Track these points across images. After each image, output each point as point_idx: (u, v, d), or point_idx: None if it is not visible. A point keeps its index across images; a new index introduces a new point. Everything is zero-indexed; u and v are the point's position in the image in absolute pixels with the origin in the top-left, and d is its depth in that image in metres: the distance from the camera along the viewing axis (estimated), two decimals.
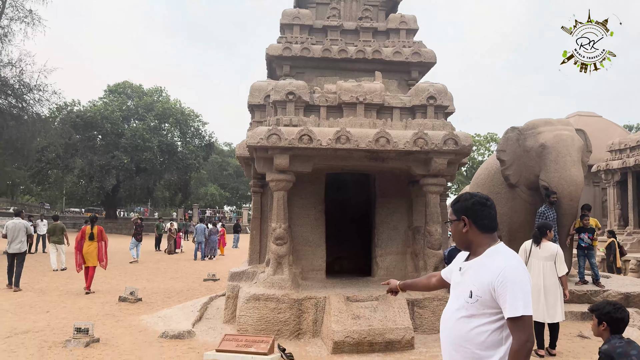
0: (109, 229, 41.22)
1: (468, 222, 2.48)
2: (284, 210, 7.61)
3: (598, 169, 19.15)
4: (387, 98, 7.98)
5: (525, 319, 2.23)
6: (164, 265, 18.83)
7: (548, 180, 9.52)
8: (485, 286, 2.31)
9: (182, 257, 23.20)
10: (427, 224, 7.79)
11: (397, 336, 6.59)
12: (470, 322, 2.35)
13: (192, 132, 44.52)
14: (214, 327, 7.86)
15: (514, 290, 2.24)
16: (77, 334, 6.82)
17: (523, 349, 2.20)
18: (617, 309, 3.80)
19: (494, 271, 2.31)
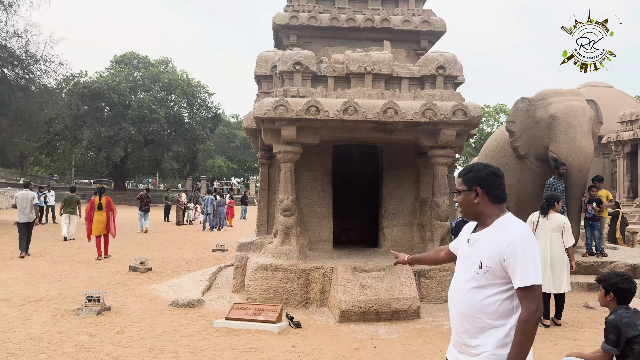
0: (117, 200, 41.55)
1: (481, 193, 2.45)
2: (292, 181, 7.61)
3: (608, 140, 18.92)
4: (396, 68, 7.86)
5: (535, 288, 2.24)
6: (173, 236, 19.05)
7: (557, 152, 9.43)
8: (495, 257, 2.31)
9: (191, 228, 23.44)
10: (434, 195, 7.78)
11: (403, 305, 6.67)
12: (480, 292, 2.35)
13: (199, 104, 44.36)
14: (223, 296, 7.98)
15: (524, 260, 2.24)
16: (89, 302, 6.95)
17: (532, 318, 2.21)
18: (625, 280, 3.80)
19: (504, 242, 2.30)
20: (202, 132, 42.85)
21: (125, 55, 43.88)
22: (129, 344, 5.54)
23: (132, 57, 43.84)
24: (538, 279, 2.24)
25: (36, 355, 5.04)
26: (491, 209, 2.46)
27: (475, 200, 2.46)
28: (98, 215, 12.03)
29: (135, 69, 42.90)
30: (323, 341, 5.82)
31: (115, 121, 38.83)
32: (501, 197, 2.45)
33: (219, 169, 60.94)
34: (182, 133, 41.69)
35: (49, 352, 5.18)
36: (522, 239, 2.29)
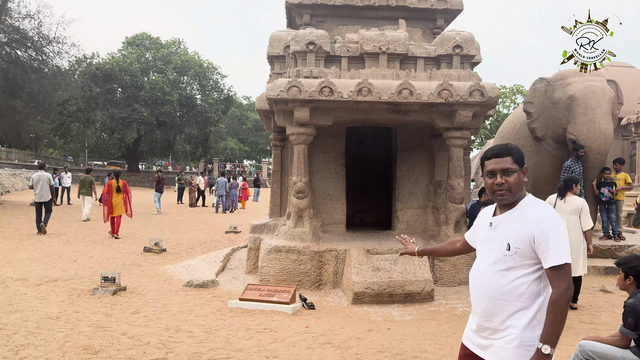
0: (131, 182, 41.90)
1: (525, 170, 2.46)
2: (305, 163, 7.60)
3: (628, 121, 18.57)
4: (411, 47, 7.75)
5: (565, 267, 2.23)
6: (187, 218, 19.23)
7: (576, 133, 9.29)
8: (524, 237, 2.29)
9: (204, 210, 23.62)
10: (449, 177, 7.72)
11: (417, 288, 6.68)
12: (508, 274, 2.33)
13: (211, 85, 44.33)
14: (236, 277, 8.07)
15: (555, 238, 2.23)
16: (105, 282, 7.07)
17: (563, 297, 2.21)
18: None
19: (533, 222, 2.29)
20: (214, 114, 42.90)
21: (136, 36, 43.85)
22: (145, 324, 5.63)
23: (143, 38, 43.79)
24: (569, 257, 2.24)
25: (54, 334, 5.15)
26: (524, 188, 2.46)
27: (525, 179, 2.45)
28: (116, 197, 12.80)
29: (146, 50, 42.91)
30: (336, 322, 5.87)
31: (128, 103, 38.99)
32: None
33: (231, 151, 61.16)
34: (194, 115, 41.78)
35: (66, 330, 5.29)
36: (550, 217, 2.28)
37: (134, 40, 43.54)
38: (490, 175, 2.43)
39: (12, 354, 4.57)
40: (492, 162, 2.43)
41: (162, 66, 40.95)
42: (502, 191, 2.37)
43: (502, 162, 2.40)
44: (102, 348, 4.78)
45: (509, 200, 2.41)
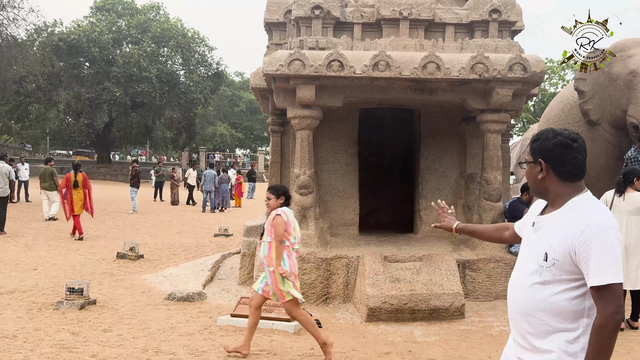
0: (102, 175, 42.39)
1: (545, 167, 2.38)
2: (309, 153, 7.62)
3: None
4: (439, 12, 7.75)
5: (614, 287, 2.16)
6: (168, 217, 19.35)
7: (639, 117, 9.26)
8: (564, 247, 2.25)
9: (189, 208, 23.74)
10: (484, 170, 7.71)
11: (444, 303, 6.69)
12: (544, 289, 2.30)
13: (197, 59, 44.34)
14: (227, 289, 8.12)
15: (601, 252, 2.17)
16: (70, 294, 7.13)
17: (609, 324, 2.15)
18: None
19: (575, 229, 2.24)
20: (201, 94, 42.99)
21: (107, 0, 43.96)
22: (118, 344, 5.69)
23: (115, 2, 43.91)
24: (618, 276, 2.17)
25: (10, 356, 5.21)
26: (560, 187, 2.38)
27: (539, 176, 2.39)
28: (75, 194, 13.28)
29: (119, 16, 43.04)
30: (347, 343, 5.89)
31: (97, 80, 39.15)
32: (573, 174, 2.35)
33: (221, 138, 61.31)
34: (177, 95, 41.88)
35: (24, 352, 5.34)
36: (598, 226, 2.21)
37: (104, 4, 43.67)
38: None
39: None
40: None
41: (138, 36, 41.06)
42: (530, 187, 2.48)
43: (526, 151, 2.46)
44: None
45: (534, 194, 2.51)
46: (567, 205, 2.33)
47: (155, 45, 41.54)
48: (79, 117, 40.31)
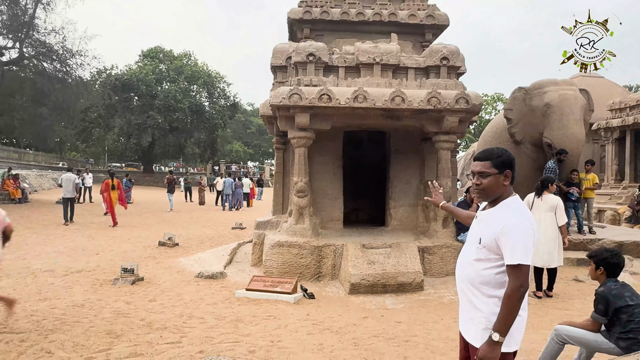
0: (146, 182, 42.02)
1: (510, 176, 2.46)
2: (305, 165, 7.57)
3: (598, 127, 18.61)
4: (403, 59, 7.73)
5: (521, 267, 2.26)
6: (197, 215, 19.18)
7: (551, 138, 9.29)
8: (492, 234, 2.36)
9: (212, 208, 23.57)
10: (438, 178, 7.69)
11: (408, 279, 6.65)
12: (479, 264, 2.41)
13: (218, 93, 44.18)
14: (242, 270, 8.03)
15: (514, 240, 2.28)
16: (124, 273, 7.03)
17: (515, 294, 2.25)
18: (614, 255, 3.78)
19: (501, 223, 2.34)
20: (221, 120, 42.81)
21: (151, 50, 43.72)
22: (161, 311, 5.60)
23: (157, 52, 43.66)
24: (526, 259, 2.26)
25: (79, 320, 5.11)
26: (509, 190, 2.48)
27: (505, 182, 2.46)
28: (114, 194, 14.55)
29: (160, 62, 42.76)
30: (335, 310, 5.84)
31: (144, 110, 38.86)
32: (515, 179, 2.49)
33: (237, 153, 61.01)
34: (203, 121, 41.66)
35: (90, 317, 5.25)
36: (516, 222, 2.32)
37: (150, 53, 43.41)
38: (472, 175, 2.56)
39: (41, 338, 4.54)
40: (475, 164, 2.53)
41: (175, 76, 40.83)
42: (478, 191, 2.49)
43: (481, 165, 2.48)
44: (123, 332, 4.75)
45: (483, 199, 2.52)
46: (501, 205, 2.44)
47: (187, 83, 41.28)
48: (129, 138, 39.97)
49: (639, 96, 17.50)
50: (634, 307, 3.53)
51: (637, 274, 8.14)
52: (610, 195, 17.41)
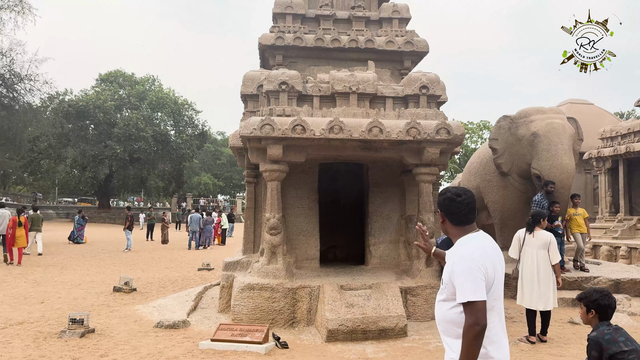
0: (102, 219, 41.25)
1: (441, 215, 2.77)
2: (278, 200, 7.61)
3: (589, 156, 19.23)
4: (380, 87, 7.96)
5: (473, 304, 2.44)
6: (158, 255, 18.84)
7: (540, 169, 9.56)
8: (448, 274, 2.59)
9: (176, 246, 23.20)
10: (419, 212, 7.82)
11: (390, 324, 6.65)
12: (444, 304, 2.63)
13: (186, 121, 44.29)
14: (208, 317, 7.90)
15: (462, 278, 2.49)
16: (72, 324, 6.82)
17: (470, 331, 2.41)
18: (604, 296, 3.85)
19: (452, 261, 2.59)
20: (189, 150, 42.73)
21: (110, 73, 43.78)
22: None
23: (117, 75, 43.74)
24: (475, 296, 2.44)
25: None
26: (453, 230, 2.74)
27: (440, 221, 2.78)
28: (19, 231, 14.77)
29: (120, 87, 42.79)
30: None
31: (100, 139, 38.59)
32: (459, 220, 2.69)
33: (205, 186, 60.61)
34: (168, 151, 41.53)
35: None
36: (462, 259, 2.54)
37: (108, 77, 43.45)
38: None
39: None
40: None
41: (137, 102, 40.84)
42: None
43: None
44: None
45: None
46: (456, 244, 2.69)
47: (151, 110, 41.32)
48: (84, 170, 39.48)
49: (630, 124, 18.23)
50: (628, 352, 3.60)
51: (635, 315, 8.33)
52: (606, 229, 17.84)
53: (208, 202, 53.47)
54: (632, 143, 17.43)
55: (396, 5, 9.30)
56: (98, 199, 46.26)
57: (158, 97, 41.52)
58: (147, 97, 41.22)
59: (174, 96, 43.66)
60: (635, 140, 17.40)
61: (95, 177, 39.58)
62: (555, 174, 9.39)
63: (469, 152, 45.42)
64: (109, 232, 29.72)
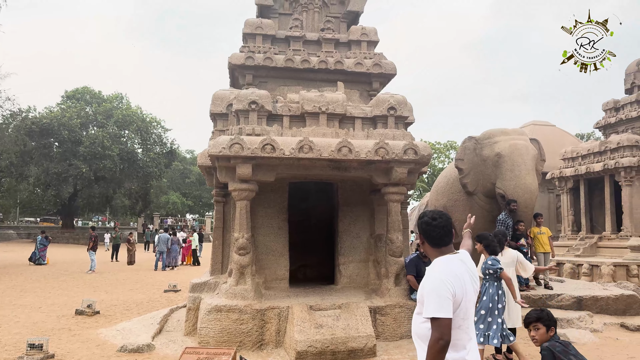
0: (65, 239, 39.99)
1: (420, 238, 2.98)
2: (247, 219, 7.56)
3: (552, 176, 19.85)
4: (349, 108, 8.06)
5: (437, 320, 2.63)
6: (124, 276, 18.35)
7: (504, 188, 9.81)
8: (420, 291, 2.82)
9: (142, 267, 22.65)
10: (388, 232, 7.89)
11: (359, 344, 6.63)
12: (417, 317, 2.85)
13: (154, 139, 43.63)
14: (174, 340, 7.71)
15: (429, 296, 2.70)
16: (31, 350, 6.56)
17: (434, 345, 2.61)
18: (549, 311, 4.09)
19: (424, 279, 2.82)
20: (156, 168, 42.04)
21: (77, 90, 42.94)
22: None
23: (84, 93, 42.93)
24: (440, 313, 2.63)
25: None
26: (431, 251, 2.96)
27: (419, 242, 3.03)
28: None
29: (87, 104, 41.97)
30: None
31: (65, 157, 37.60)
32: (435, 242, 2.90)
33: (173, 205, 59.61)
34: (135, 169, 40.76)
35: None
36: (429, 279, 2.76)
37: (74, 94, 42.59)
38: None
39: None
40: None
41: (103, 120, 40.08)
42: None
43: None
44: None
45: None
46: (431, 264, 2.89)
47: (118, 128, 40.57)
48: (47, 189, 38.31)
49: (590, 145, 18.93)
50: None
51: (597, 331, 8.53)
52: (568, 247, 18.36)
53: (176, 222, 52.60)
54: (592, 164, 18.09)
55: (365, 29, 9.50)
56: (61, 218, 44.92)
57: (125, 115, 40.83)
58: (114, 115, 40.50)
59: (141, 114, 43.05)
60: (595, 160, 18.07)
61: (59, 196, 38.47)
62: (519, 194, 9.65)
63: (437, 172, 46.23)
64: (73, 253, 28.83)
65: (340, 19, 9.90)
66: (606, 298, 9.48)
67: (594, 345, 7.72)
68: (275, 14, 9.80)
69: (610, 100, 19.60)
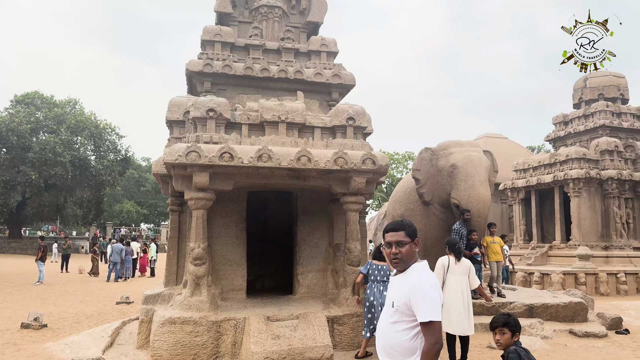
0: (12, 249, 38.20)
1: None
2: (203, 229, 7.42)
3: (504, 187, 20.52)
4: (309, 118, 8.09)
5: (434, 324, 2.62)
6: (74, 288, 17.64)
7: (458, 198, 10.07)
8: (403, 297, 2.76)
9: (94, 278, 21.88)
10: (347, 241, 7.91)
11: (316, 354, 6.60)
12: (394, 326, 2.79)
13: (107, 146, 42.32)
14: (126, 354, 7.45)
15: (424, 300, 2.68)
16: None
17: (432, 349, 2.59)
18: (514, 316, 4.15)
19: (411, 284, 2.76)
20: (110, 176, 40.79)
21: (27, 95, 41.26)
22: None
23: (34, 97, 41.29)
24: (436, 316, 2.63)
25: None
26: (417, 256, 2.96)
27: (416, 249, 2.93)
28: None
29: (37, 109, 40.35)
30: None
31: (13, 164, 35.97)
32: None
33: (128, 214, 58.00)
34: (87, 177, 39.42)
35: None
36: (424, 283, 2.73)
37: (24, 98, 40.89)
38: (388, 245, 2.92)
39: None
40: (389, 235, 2.92)
41: (54, 126, 38.59)
42: (397, 259, 2.87)
43: (397, 235, 2.88)
44: None
45: (401, 267, 2.89)
46: (410, 269, 2.86)
47: (70, 134, 39.16)
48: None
49: (541, 157, 19.71)
50: None
51: (547, 338, 8.83)
52: (520, 256, 18.97)
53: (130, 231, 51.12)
54: (542, 175, 18.82)
55: (324, 39, 9.58)
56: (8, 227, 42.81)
57: (78, 121, 39.42)
58: (67, 121, 39.07)
59: (95, 120, 41.72)
60: (546, 172, 18.81)
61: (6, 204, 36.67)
62: (473, 204, 9.92)
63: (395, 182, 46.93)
64: (20, 264, 27.53)
65: (300, 29, 9.96)
66: (556, 305, 9.82)
67: (544, 351, 7.98)
68: (234, 21, 9.75)
69: (559, 115, 20.51)
